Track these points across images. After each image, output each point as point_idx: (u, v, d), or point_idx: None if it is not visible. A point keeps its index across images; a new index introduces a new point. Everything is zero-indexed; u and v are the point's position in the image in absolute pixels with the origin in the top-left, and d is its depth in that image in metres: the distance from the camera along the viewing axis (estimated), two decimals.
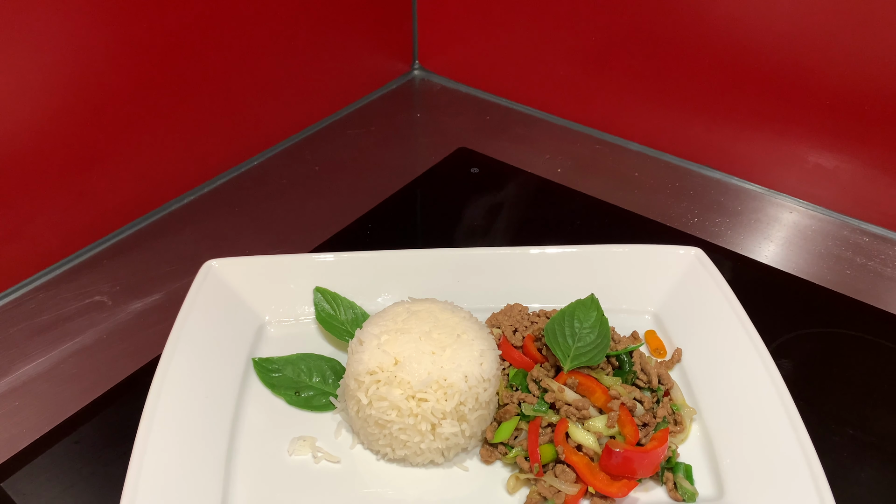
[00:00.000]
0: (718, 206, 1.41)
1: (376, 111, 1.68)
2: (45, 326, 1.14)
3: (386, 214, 1.38)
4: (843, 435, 1.00)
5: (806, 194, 1.41)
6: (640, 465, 0.88)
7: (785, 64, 1.31)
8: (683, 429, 0.96)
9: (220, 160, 1.45)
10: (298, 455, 0.93)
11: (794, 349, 1.11)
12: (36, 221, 1.19)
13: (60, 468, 0.95)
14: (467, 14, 1.65)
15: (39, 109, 1.12)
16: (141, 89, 1.24)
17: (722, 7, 1.32)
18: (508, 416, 0.94)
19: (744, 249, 1.31)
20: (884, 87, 1.24)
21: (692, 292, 1.09)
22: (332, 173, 1.49)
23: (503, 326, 1.06)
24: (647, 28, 1.42)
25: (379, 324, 0.96)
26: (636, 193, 1.43)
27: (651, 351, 1.07)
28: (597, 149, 1.56)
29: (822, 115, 1.32)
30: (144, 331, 1.13)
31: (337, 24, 1.54)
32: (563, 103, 1.62)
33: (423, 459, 0.92)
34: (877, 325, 1.16)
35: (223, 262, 1.10)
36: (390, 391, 0.90)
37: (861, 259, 1.29)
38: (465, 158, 1.53)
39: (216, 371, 0.99)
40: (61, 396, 1.04)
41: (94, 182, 1.24)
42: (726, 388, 0.98)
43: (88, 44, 1.14)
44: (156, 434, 0.88)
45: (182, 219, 1.36)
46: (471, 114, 1.67)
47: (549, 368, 0.98)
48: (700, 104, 1.44)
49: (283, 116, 1.54)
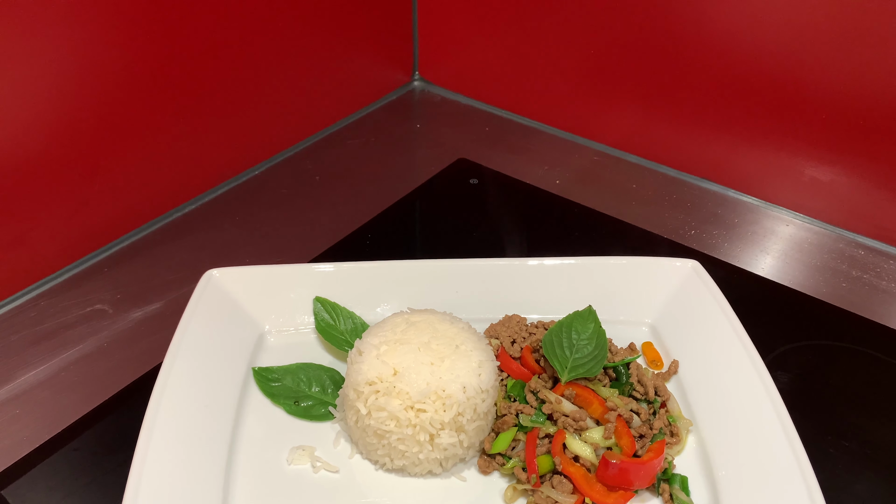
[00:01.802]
0: (715, 219, 1.42)
1: (376, 122, 1.69)
2: (46, 334, 1.14)
3: (385, 224, 1.39)
4: (838, 447, 1.01)
5: (802, 207, 1.42)
6: (636, 476, 0.88)
7: (782, 78, 1.32)
8: (679, 440, 0.96)
9: (221, 169, 1.46)
10: (297, 464, 0.94)
11: (790, 361, 1.12)
12: (37, 230, 1.19)
13: (60, 476, 0.95)
14: (468, 26, 1.66)
15: (41, 119, 1.13)
16: (142, 99, 1.25)
17: (720, 21, 1.34)
18: (506, 427, 0.95)
19: (740, 262, 1.32)
20: (880, 102, 1.25)
21: (689, 304, 1.10)
22: (332, 183, 1.49)
23: (501, 337, 1.07)
24: (645, 41, 1.43)
25: (378, 334, 0.97)
26: (634, 205, 1.44)
27: (648, 363, 1.08)
28: (595, 161, 1.57)
29: (819, 129, 1.33)
30: (145, 339, 1.14)
31: (338, 35, 1.55)
32: (562, 115, 1.63)
33: (421, 469, 0.93)
34: (872, 337, 1.17)
35: (224, 272, 1.10)
36: (389, 401, 0.90)
37: (857, 272, 1.30)
38: (464, 169, 1.53)
39: (216, 380, 1.00)
40: (62, 404, 1.04)
41: (96, 191, 1.25)
42: (722, 400, 0.99)
43: (90, 53, 1.15)
44: (156, 442, 0.88)
45: (183, 228, 1.37)
46: (470, 125, 1.68)
47: (546, 380, 0.99)
48: (698, 117, 1.45)
49: (283, 126, 1.55)
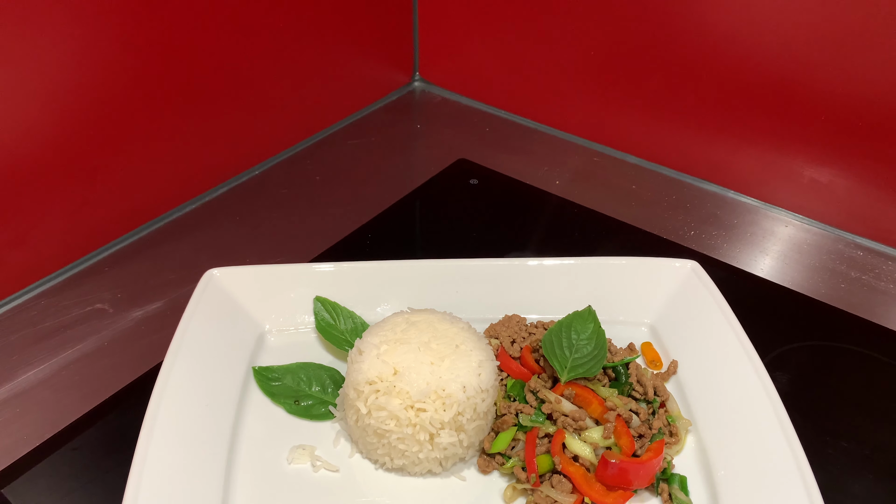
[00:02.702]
0: (715, 219, 1.42)
1: (377, 122, 1.69)
2: (46, 333, 1.15)
3: (386, 224, 1.39)
4: (836, 447, 1.01)
5: (801, 208, 1.42)
6: (635, 476, 0.88)
7: (781, 80, 1.32)
8: (679, 440, 0.97)
9: (221, 169, 1.46)
10: (298, 463, 0.94)
11: (789, 362, 1.12)
12: (38, 229, 1.20)
13: (60, 475, 0.95)
14: (468, 27, 1.66)
15: (41, 119, 1.13)
16: (142, 99, 1.25)
17: (720, 23, 1.34)
18: (506, 427, 0.95)
19: (739, 262, 1.32)
20: (878, 103, 1.25)
21: (688, 305, 1.10)
22: (332, 183, 1.50)
23: (501, 337, 1.07)
24: (645, 42, 1.43)
25: (378, 334, 0.97)
26: (633, 206, 1.45)
27: (647, 363, 1.08)
28: (595, 161, 1.57)
29: (818, 131, 1.33)
30: (145, 338, 1.14)
31: (338, 35, 1.55)
32: (562, 116, 1.64)
33: (421, 469, 0.93)
34: (870, 338, 1.17)
35: (224, 271, 1.10)
36: (389, 401, 0.90)
37: (855, 273, 1.30)
38: (464, 170, 1.54)
39: (216, 379, 1.00)
40: (62, 403, 1.04)
41: (96, 190, 1.25)
42: (721, 401, 0.99)
43: (89, 54, 1.15)
44: (156, 441, 0.89)
45: (184, 227, 1.37)
46: (470, 125, 1.68)
47: (546, 379, 0.99)
48: (698, 118, 1.46)
49: (284, 126, 1.55)
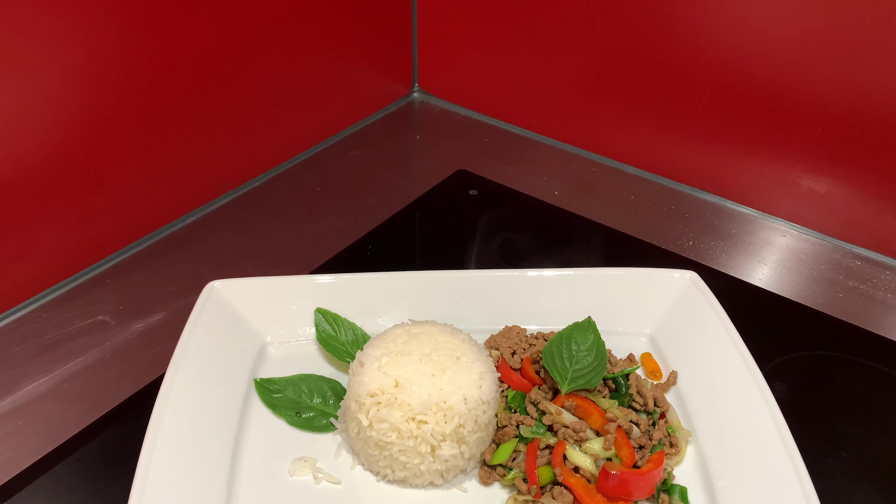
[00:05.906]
0: (713, 230, 1.43)
1: (377, 133, 1.70)
2: (48, 345, 1.15)
3: (386, 236, 1.40)
4: (836, 458, 1.01)
5: (799, 218, 1.43)
6: (636, 487, 0.89)
7: (779, 90, 1.33)
8: (679, 451, 0.97)
9: (222, 181, 1.47)
10: (299, 475, 0.94)
11: (788, 372, 1.13)
12: (40, 241, 1.20)
13: (62, 488, 0.95)
14: (467, 38, 1.67)
15: (43, 131, 1.14)
16: (143, 111, 1.26)
17: (718, 34, 1.35)
18: (507, 438, 0.95)
19: (738, 272, 1.33)
20: (876, 114, 1.26)
21: (687, 315, 1.11)
22: (332, 194, 1.50)
23: (502, 348, 1.07)
24: (643, 53, 1.44)
25: (379, 346, 0.97)
26: (632, 216, 1.45)
27: (647, 374, 1.09)
28: (594, 172, 1.58)
29: (816, 141, 1.34)
30: (147, 350, 1.14)
31: (338, 47, 1.56)
32: (561, 127, 1.64)
33: (422, 481, 0.93)
34: (868, 348, 1.18)
35: (225, 283, 1.11)
36: (391, 413, 0.91)
37: (853, 282, 1.31)
38: (464, 181, 1.54)
39: (218, 391, 1.00)
40: (64, 415, 1.04)
41: (98, 202, 1.25)
42: (721, 411, 0.99)
43: (91, 64, 1.16)
44: (159, 453, 0.89)
45: (185, 239, 1.37)
46: (470, 137, 1.69)
47: (546, 391, 0.99)
48: (696, 129, 1.46)
49: (284, 138, 1.56)
